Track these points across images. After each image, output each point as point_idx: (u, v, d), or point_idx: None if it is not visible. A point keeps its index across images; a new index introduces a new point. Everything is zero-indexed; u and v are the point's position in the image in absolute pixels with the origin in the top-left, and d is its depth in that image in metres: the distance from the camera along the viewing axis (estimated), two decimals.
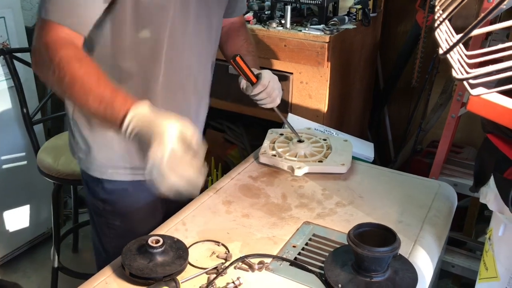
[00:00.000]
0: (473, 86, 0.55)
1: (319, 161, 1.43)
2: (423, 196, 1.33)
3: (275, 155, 1.45)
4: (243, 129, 2.58)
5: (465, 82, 0.55)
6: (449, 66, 2.02)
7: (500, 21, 1.10)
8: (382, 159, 2.66)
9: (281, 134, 1.57)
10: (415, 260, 1.07)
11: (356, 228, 0.99)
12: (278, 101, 1.41)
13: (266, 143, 1.51)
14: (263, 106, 1.40)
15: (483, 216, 2.31)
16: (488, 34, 1.77)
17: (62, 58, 0.95)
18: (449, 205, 1.32)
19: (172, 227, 1.16)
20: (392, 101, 2.59)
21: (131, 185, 1.30)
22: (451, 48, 0.51)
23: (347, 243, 0.96)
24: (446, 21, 0.61)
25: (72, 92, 0.97)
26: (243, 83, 1.35)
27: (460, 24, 2.36)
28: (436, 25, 0.59)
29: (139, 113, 0.94)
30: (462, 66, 0.54)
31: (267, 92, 1.35)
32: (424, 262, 1.09)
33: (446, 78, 2.26)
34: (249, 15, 1.96)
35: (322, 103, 1.90)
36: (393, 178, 1.43)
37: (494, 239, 1.00)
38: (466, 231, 2.16)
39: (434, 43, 2.21)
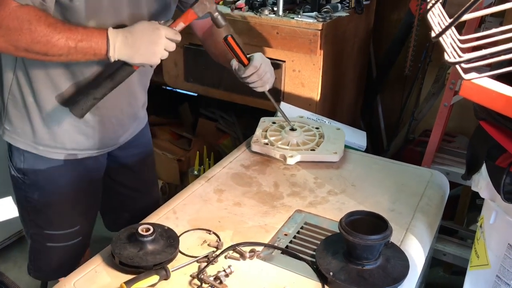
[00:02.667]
0: (466, 71, 0.54)
1: (311, 150, 1.42)
2: (416, 185, 1.33)
3: (267, 144, 1.44)
4: (236, 118, 2.57)
5: (457, 66, 0.54)
6: (442, 55, 2.00)
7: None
8: (374, 147, 2.65)
9: (274, 123, 1.56)
10: (407, 248, 1.07)
11: (348, 216, 0.99)
12: (269, 85, 1.39)
13: (258, 132, 1.50)
14: (254, 89, 1.39)
15: (475, 204, 2.32)
16: (481, 22, 1.77)
17: (31, 20, 1.03)
18: (441, 194, 1.32)
19: (163, 216, 1.15)
20: (384, 90, 2.58)
21: (52, 162, 1.31)
22: (444, 31, 0.50)
23: (338, 231, 0.96)
24: (439, 4, 0.59)
25: (50, 45, 1.05)
26: (235, 64, 1.34)
27: (454, 11, 2.35)
28: (428, 7, 0.58)
29: (114, 32, 1.09)
30: (455, 50, 0.53)
31: (258, 74, 1.33)
32: (416, 250, 1.09)
33: (439, 66, 2.25)
34: (241, 2, 1.93)
35: (314, 92, 1.89)
36: (386, 167, 1.42)
37: (485, 227, 1.00)
38: (458, 220, 2.17)
39: (427, 32, 2.18)
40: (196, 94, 2.71)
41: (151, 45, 1.11)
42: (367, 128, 2.66)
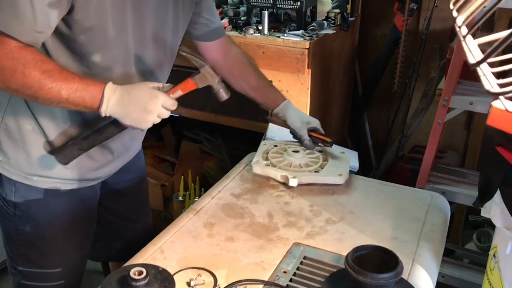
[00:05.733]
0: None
1: (315, 172, 1.36)
2: (416, 209, 1.26)
3: (268, 165, 1.38)
4: (221, 139, 2.49)
5: (501, 97, 0.47)
6: (429, 69, 1.94)
7: None
8: (363, 166, 2.59)
9: (275, 146, 1.49)
10: (415, 281, 0.99)
11: (354, 252, 0.91)
12: None
13: (259, 154, 1.44)
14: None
15: (468, 221, 2.28)
16: None
17: (26, 64, 0.98)
18: (444, 217, 1.26)
19: (150, 256, 1.06)
20: (370, 107, 2.54)
21: (47, 193, 1.23)
22: (485, 59, 0.43)
23: (341, 266, 0.88)
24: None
25: (42, 92, 1.00)
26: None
27: (439, 26, 2.34)
28: (464, 33, 0.51)
29: (112, 88, 1.04)
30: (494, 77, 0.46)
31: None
32: (425, 282, 1.02)
33: (426, 82, 2.22)
34: (225, 21, 1.87)
35: (303, 111, 1.82)
36: (383, 190, 1.35)
37: (500, 257, 0.93)
38: (453, 239, 2.11)
39: (413, 47, 2.13)
40: (178, 116, 2.63)
41: (144, 113, 1.06)
42: (354, 146, 2.61)
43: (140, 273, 0.89)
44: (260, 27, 1.81)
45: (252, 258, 1.06)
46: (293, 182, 1.31)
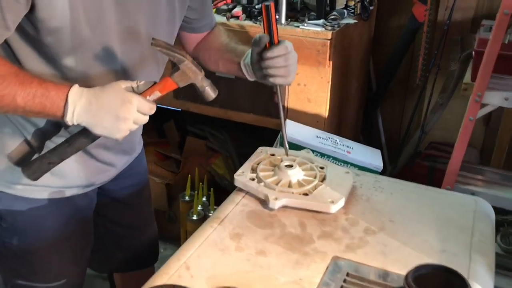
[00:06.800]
0: None
1: (303, 194, 1.16)
2: (460, 216, 1.15)
3: (253, 179, 1.19)
4: (227, 135, 2.36)
5: None
6: (449, 62, 1.80)
7: None
8: None
9: (272, 155, 1.29)
10: None
11: (414, 272, 0.79)
12: (291, 80, 1.15)
13: (248, 163, 1.25)
14: (273, 79, 1.12)
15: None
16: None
17: None
18: (491, 226, 1.15)
19: (174, 274, 0.93)
20: (384, 102, 2.43)
21: (33, 202, 1.11)
22: None
23: (389, 284, 0.78)
24: None
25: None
26: (264, 38, 1.08)
27: (459, 17, 2.23)
28: None
29: (78, 93, 0.90)
30: None
31: (286, 58, 1.09)
32: None
33: (446, 75, 2.11)
34: (238, 10, 1.74)
35: (322, 107, 1.71)
36: (421, 195, 1.24)
37: None
38: None
39: (432, 38, 1.99)
40: (180, 110, 2.50)
41: (117, 120, 0.91)
42: (366, 143, 2.49)
43: None
44: (277, 16, 1.68)
45: (290, 276, 0.94)
46: (273, 204, 1.12)
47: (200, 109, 1.95)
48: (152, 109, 0.94)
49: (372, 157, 1.66)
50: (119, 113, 0.90)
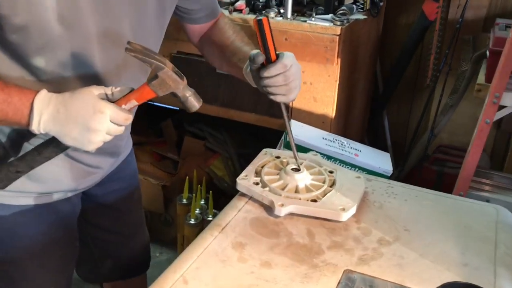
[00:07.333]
0: None
1: (312, 200, 1.07)
2: (482, 226, 1.06)
3: (257, 184, 1.10)
4: (227, 135, 2.27)
5: None
6: (459, 62, 1.69)
7: None
8: None
9: (277, 157, 1.21)
10: None
11: None
12: (294, 96, 1.04)
13: (251, 166, 1.15)
14: (273, 97, 1.02)
15: None
16: None
17: None
18: None
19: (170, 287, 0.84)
20: (390, 103, 2.34)
21: (8, 209, 1.01)
22: None
23: None
24: None
25: None
26: (260, 58, 0.97)
27: (471, 15, 2.15)
28: None
29: (46, 100, 0.82)
30: None
31: (286, 76, 0.98)
32: None
33: (456, 76, 2.02)
34: (241, 3, 1.65)
35: (329, 107, 1.62)
36: (437, 202, 1.15)
37: None
38: None
39: (443, 37, 1.87)
40: (178, 109, 2.40)
41: (87, 132, 0.82)
42: (372, 145, 2.41)
43: None
44: (282, 10, 1.59)
45: None
46: (278, 211, 1.03)
47: (200, 109, 1.85)
48: (127, 119, 0.84)
49: (381, 160, 1.57)
50: (89, 124, 0.80)
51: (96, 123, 0.80)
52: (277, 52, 0.99)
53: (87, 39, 0.89)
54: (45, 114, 0.80)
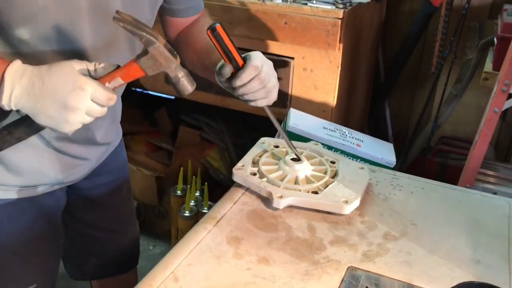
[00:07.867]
0: None
1: (313, 192, 1.00)
2: (494, 221, 1.00)
3: (254, 174, 1.03)
4: (224, 125, 2.20)
5: None
6: (464, 50, 1.61)
7: None
8: None
9: (276, 147, 1.14)
10: None
11: None
12: (274, 96, 0.97)
13: (249, 156, 1.09)
14: (253, 103, 0.96)
15: None
16: None
17: None
18: None
19: (160, 286, 0.77)
20: (392, 93, 2.27)
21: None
22: None
23: None
24: None
25: None
26: (226, 69, 0.90)
27: (476, 1, 2.07)
28: None
29: (19, 71, 0.73)
30: None
31: (260, 79, 0.90)
32: None
33: (461, 65, 1.95)
34: None
35: (330, 95, 1.55)
36: (446, 195, 1.09)
37: None
38: None
39: (450, 24, 1.78)
40: (173, 97, 2.33)
41: (65, 110, 0.73)
42: (373, 135, 2.34)
43: None
44: None
45: None
46: (277, 204, 0.96)
47: (194, 96, 1.78)
48: (110, 99, 0.76)
49: (384, 151, 1.51)
50: (67, 101, 0.72)
51: (75, 100, 0.72)
52: (242, 56, 0.90)
53: (76, 12, 0.81)
54: (18, 87, 0.71)
